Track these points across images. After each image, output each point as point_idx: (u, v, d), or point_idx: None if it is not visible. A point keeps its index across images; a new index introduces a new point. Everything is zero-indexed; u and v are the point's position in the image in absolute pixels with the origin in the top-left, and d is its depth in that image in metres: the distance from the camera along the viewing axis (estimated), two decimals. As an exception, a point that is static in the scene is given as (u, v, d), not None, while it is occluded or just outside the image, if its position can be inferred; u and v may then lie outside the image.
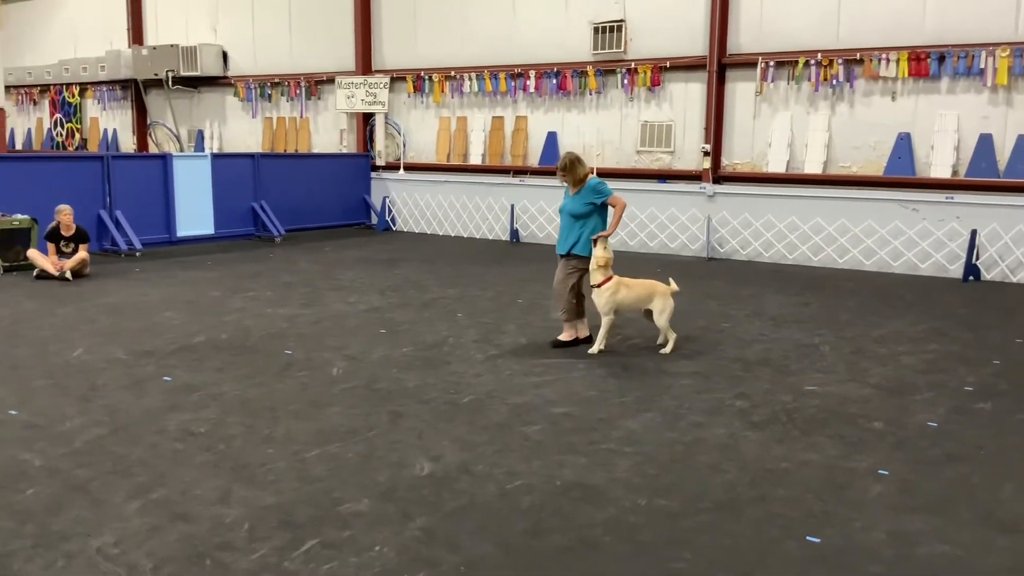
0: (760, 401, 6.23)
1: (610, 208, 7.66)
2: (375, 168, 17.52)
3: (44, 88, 23.13)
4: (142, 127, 21.37)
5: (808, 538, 4.09)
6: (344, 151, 17.97)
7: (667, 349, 7.63)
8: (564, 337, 7.83)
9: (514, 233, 15.64)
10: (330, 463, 4.93)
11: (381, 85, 16.95)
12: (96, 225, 13.11)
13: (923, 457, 5.17)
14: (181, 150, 20.04)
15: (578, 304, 7.86)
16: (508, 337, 8.09)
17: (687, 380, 6.75)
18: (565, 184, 7.83)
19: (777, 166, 13.53)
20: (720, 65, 13.69)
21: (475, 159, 16.46)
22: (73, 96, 22.53)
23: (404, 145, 17.34)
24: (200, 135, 20.32)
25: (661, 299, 7.63)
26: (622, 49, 14.53)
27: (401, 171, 17.20)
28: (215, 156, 15.46)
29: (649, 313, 7.77)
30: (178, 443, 5.24)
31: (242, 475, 4.74)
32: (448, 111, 16.74)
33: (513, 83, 15.69)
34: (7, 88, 18.25)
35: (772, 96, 13.54)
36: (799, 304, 9.99)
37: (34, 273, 11.14)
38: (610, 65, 14.70)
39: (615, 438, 5.41)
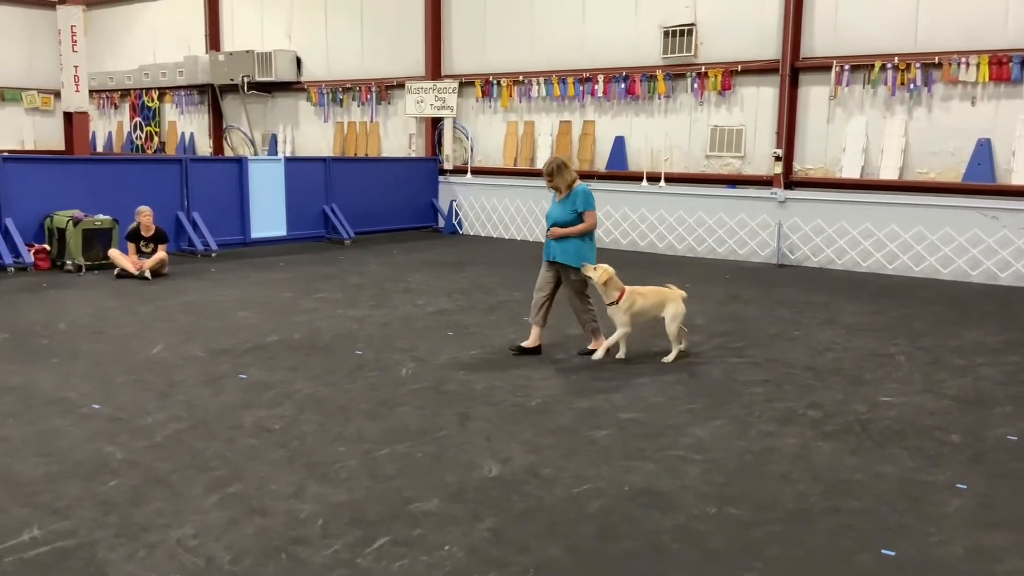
0: (833, 411, 6.12)
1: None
2: (443, 172, 17.69)
3: (125, 92, 23.91)
4: (218, 131, 21.93)
5: (883, 551, 4.00)
6: (413, 155, 18.19)
7: (669, 358, 7.42)
8: (592, 346, 7.67)
9: (580, 237, 15.59)
10: (400, 462, 5.00)
11: (450, 90, 17.11)
12: (174, 226, 13.50)
13: (1003, 471, 5.02)
14: (255, 154, 20.52)
15: (548, 312, 7.64)
16: (574, 342, 8.09)
17: (757, 388, 6.67)
18: (553, 190, 7.61)
19: (851, 171, 13.26)
20: (793, 69, 13.48)
21: (542, 163, 16.44)
22: (152, 100, 23.25)
23: (472, 149, 17.48)
24: (273, 139, 20.77)
25: (673, 305, 7.50)
26: (692, 53, 14.41)
27: (468, 175, 17.32)
28: (288, 160, 15.80)
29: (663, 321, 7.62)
30: (253, 439, 5.37)
31: (315, 472, 4.84)
32: (516, 115, 16.81)
33: (581, 87, 15.69)
34: (90, 92, 18.94)
35: (847, 100, 13.28)
36: (873, 313, 9.77)
37: (115, 272, 11.52)
38: (680, 69, 14.60)
39: (684, 445, 5.38)
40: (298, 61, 19.97)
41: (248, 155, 19.27)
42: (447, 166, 17.64)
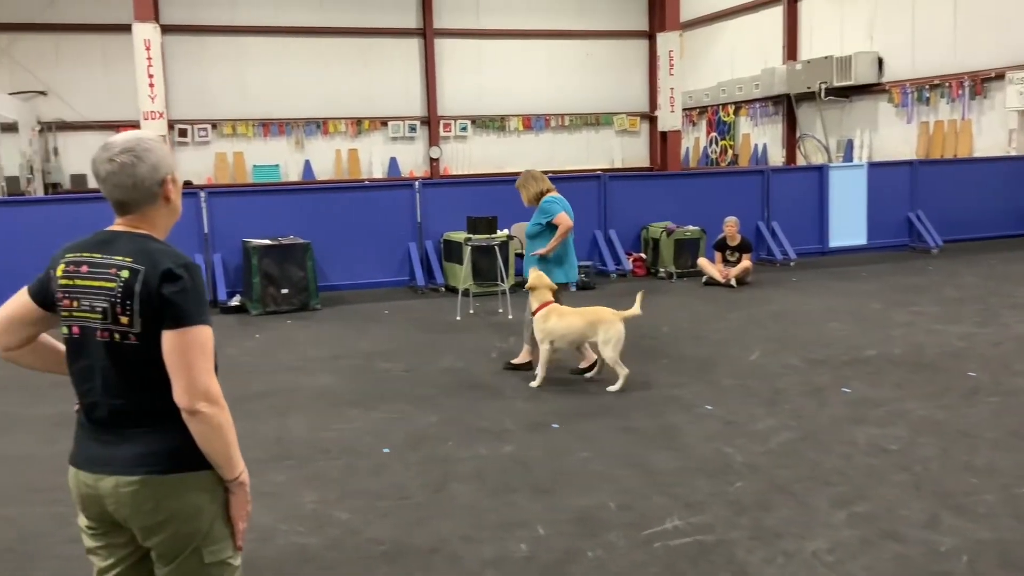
0: None
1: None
2: (1052, 171, 15.37)
3: (702, 109, 25.29)
4: (791, 140, 21.98)
5: None
6: (1013, 153, 16.12)
7: (615, 387, 6.78)
8: (583, 364, 7.41)
9: None
10: (1052, 506, 4.37)
11: (1066, 75, 14.79)
12: (754, 235, 13.80)
13: None
14: (829, 160, 20.11)
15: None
16: None
17: None
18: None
19: None
20: None
21: None
22: (728, 115, 24.22)
23: (1093, 143, 14.89)
24: (849, 144, 20.13)
25: (605, 328, 6.82)
26: None
27: (1088, 173, 14.80)
28: (871, 165, 15.16)
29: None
30: (871, 458, 5.15)
31: (947, 502, 4.46)
32: None
33: None
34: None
35: None
36: None
37: (703, 279, 12.18)
38: None
39: None
40: (879, 61, 19.06)
41: (822, 162, 18.98)
42: (1059, 164, 15.28)
